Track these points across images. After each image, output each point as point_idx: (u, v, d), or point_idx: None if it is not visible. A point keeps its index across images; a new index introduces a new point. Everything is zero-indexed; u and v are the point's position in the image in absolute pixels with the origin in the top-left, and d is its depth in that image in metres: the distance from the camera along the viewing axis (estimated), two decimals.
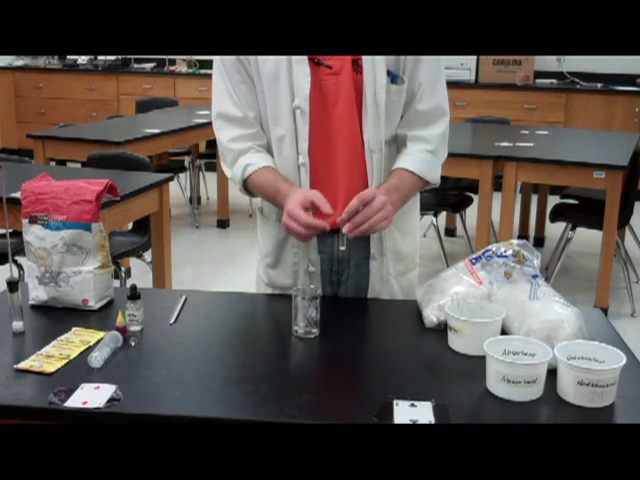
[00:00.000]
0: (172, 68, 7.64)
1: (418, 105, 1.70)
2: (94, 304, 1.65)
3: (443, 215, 5.27)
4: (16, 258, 2.94)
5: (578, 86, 6.56)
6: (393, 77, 1.65)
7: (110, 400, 1.26)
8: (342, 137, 1.66)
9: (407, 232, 1.80)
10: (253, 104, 1.71)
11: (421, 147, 1.71)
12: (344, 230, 1.55)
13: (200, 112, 5.55)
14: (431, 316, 1.58)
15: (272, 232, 1.78)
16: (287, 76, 1.63)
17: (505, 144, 4.30)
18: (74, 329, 1.55)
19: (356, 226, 1.54)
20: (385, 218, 1.56)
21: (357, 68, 1.63)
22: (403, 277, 1.81)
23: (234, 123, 1.72)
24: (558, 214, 4.30)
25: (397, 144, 1.74)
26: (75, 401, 1.26)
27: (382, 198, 1.56)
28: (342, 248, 1.64)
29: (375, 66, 1.62)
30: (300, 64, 1.62)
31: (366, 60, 1.62)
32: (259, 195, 1.75)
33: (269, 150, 1.74)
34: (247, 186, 1.73)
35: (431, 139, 1.71)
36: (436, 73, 1.70)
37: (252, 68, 1.67)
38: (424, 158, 1.70)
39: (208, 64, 7.49)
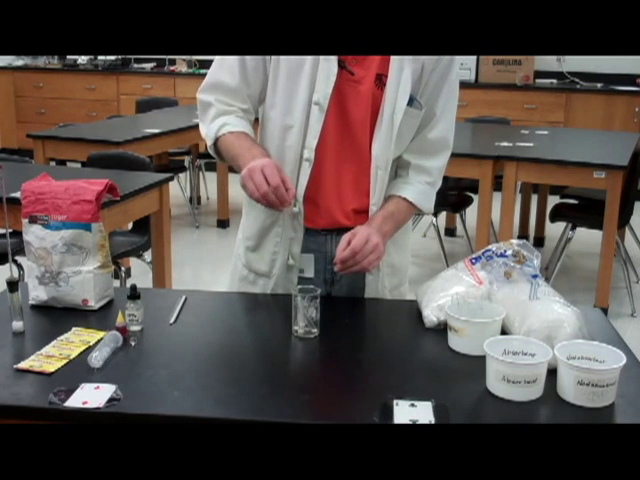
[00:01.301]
0: (172, 68, 7.64)
1: (429, 133, 1.71)
2: (94, 304, 1.65)
3: (443, 215, 5.27)
4: (16, 258, 2.94)
5: (578, 86, 6.57)
6: (410, 100, 1.65)
7: (110, 400, 1.26)
8: (351, 145, 1.67)
9: (401, 247, 1.82)
10: (253, 82, 1.69)
11: (422, 178, 1.73)
12: (335, 269, 1.61)
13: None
14: (431, 316, 1.58)
15: (259, 217, 1.76)
16: (311, 69, 1.62)
17: (505, 144, 4.30)
18: (74, 329, 1.55)
19: (347, 267, 1.59)
20: (377, 259, 1.61)
21: (380, 84, 1.63)
22: (396, 290, 1.83)
23: (225, 92, 1.71)
24: (558, 214, 4.30)
25: (397, 166, 1.75)
26: (75, 401, 1.26)
27: (374, 241, 1.58)
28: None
29: (399, 87, 1.62)
30: (328, 61, 1.61)
31: (391, 79, 1.62)
32: (226, 155, 1.70)
33: (253, 128, 1.73)
34: (218, 145, 1.70)
35: (432, 171, 1.74)
36: (451, 106, 1.72)
37: None
38: (423, 189, 1.74)
39: (208, 64, 7.46)
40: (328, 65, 1.61)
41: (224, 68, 1.71)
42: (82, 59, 8.06)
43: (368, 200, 1.69)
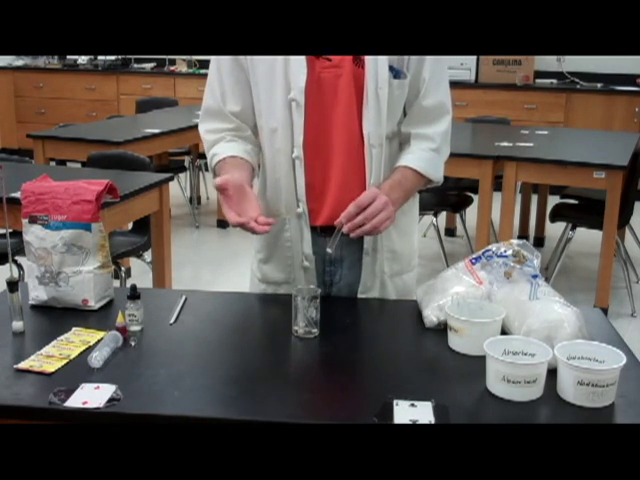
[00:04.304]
0: (172, 68, 7.64)
1: (423, 101, 1.68)
2: (94, 304, 1.65)
3: (443, 215, 5.27)
4: (16, 258, 2.94)
5: (578, 86, 6.57)
6: (396, 72, 1.64)
7: (110, 400, 1.26)
8: (339, 131, 1.66)
9: (405, 232, 1.80)
10: (240, 98, 1.71)
11: (425, 145, 1.70)
12: (344, 230, 1.54)
13: (200, 112, 5.54)
14: (431, 316, 1.57)
15: None
16: (283, 68, 1.63)
17: (505, 144, 4.30)
18: (74, 329, 1.55)
19: (356, 226, 1.53)
20: (388, 218, 1.56)
21: (358, 62, 1.62)
22: (398, 278, 1.80)
23: (211, 116, 1.75)
24: (558, 214, 4.30)
25: (400, 141, 1.73)
26: (75, 401, 1.26)
27: (383, 199, 1.55)
28: (329, 250, 1.59)
29: (377, 60, 1.61)
30: (296, 56, 1.61)
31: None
32: None
33: (255, 142, 1.74)
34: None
35: (435, 137, 1.70)
36: (440, 70, 1.69)
37: (246, 59, 1.67)
38: (427, 156, 1.69)
39: (208, 64, 7.47)
40: (297, 60, 1.61)
41: (208, 92, 1.76)
42: (82, 59, 8.06)
43: (365, 182, 1.66)
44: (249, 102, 1.71)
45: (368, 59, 1.61)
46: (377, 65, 1.61)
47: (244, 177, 1.62)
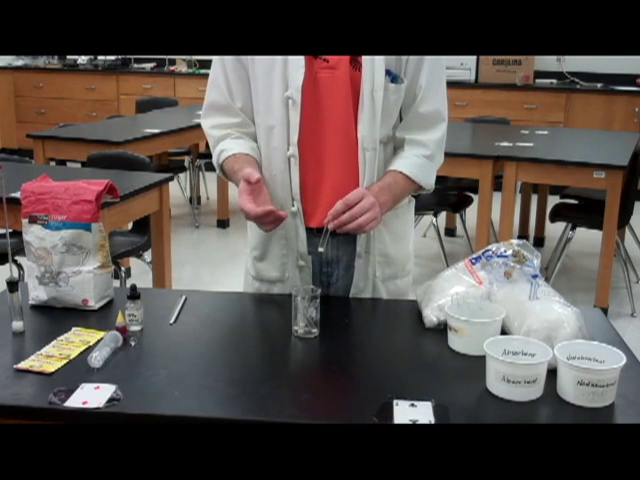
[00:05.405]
0: (172, 68, 7.64)
1: (420, 107, 1.69)
2: (94, 304, 1.65)
3: (443, 215, 5.27)
4: (16, 258, 2.94)
5: (578, 86, 6.57)
6: (393, 77, 1.64)
7: (110, 400, 1.26)
8: (334, 132, 1.66)
9: (399, 237, 1.80)
10: (241, 95, 1.72)
11: (418, 152, 1.70)
12: (330, 226, 1.55)
13: (200, 112, 5.52)
14: (431, 316, 1.58)
15: None
16: (282, 66, 1.63)
17: (505, 144, 4.30)
18: (74, 329, 1.55)
19: (343, 224, 1.54)
20: (374, 219, 1.56)
21: (356, 65, 1.63)
22: (391, 282, 1.80)
23: (217, 111, 1.75)
24: (558, 214, 4.30)
25: (394, 146, 1.73)
26: (75, 401, 1.26)
27: (371, 199, 1.56)
28: (321, 249, 1.60)
29: (374, 64, 1.61)
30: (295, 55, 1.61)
31: (366, 57, 1.61)
32: (230, 179, 1.76)
33: (256, 140, 1.74)
34: (224, 171, 1.75)
35: (429, 144, 1.70)
36: (438, 77, 1.69)
37: (247, 57, 1.68)
38: (420, 163, 1.70)
39: (208, 64, 7.46)
40: (296, 58, 1.62)
41: (213, 87, 1.76)
42: (82, 59, 8.07)
43: (359, 185, 1.66)
44: (249, 99, 1.72)
45: (365, 62, 1.61)
46: (374, 68, 1.61)
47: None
